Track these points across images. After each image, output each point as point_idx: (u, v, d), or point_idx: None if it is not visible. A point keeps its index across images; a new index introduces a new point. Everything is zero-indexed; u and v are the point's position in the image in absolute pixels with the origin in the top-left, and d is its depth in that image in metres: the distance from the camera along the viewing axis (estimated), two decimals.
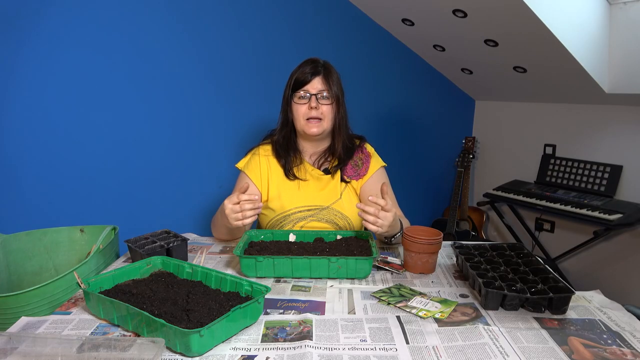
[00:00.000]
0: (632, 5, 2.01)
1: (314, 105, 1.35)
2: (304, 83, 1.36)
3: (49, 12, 1.70)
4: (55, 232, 1.49)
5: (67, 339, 0.80)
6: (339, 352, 0.82)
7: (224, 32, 2.12)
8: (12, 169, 1.73)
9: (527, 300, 0.98)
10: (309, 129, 1.38)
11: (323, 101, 1.36)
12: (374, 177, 1.47)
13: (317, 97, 1.36)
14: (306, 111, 1.36)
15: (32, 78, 1.71)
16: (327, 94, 1.36)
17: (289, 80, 1.39)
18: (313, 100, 1.35)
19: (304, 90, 1.36)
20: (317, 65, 1.37)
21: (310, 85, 1.36)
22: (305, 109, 1.36)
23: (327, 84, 1.36)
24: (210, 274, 1.03)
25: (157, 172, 2.05)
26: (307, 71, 1.36)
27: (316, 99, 1.35)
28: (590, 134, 2.51)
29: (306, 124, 1.38)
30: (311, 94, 1.36)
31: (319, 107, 1.35)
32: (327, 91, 1.36)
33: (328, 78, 1.37)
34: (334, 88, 1.37)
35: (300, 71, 1.37)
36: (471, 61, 2.61)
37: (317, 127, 1.37)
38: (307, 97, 1.36)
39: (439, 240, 1.18)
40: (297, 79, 1.36)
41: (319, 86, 1.36)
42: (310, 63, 1.38)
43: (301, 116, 1.37)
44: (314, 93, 1.36)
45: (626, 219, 2.10)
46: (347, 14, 2.49)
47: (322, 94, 1.36)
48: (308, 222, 1.41)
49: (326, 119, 1.38)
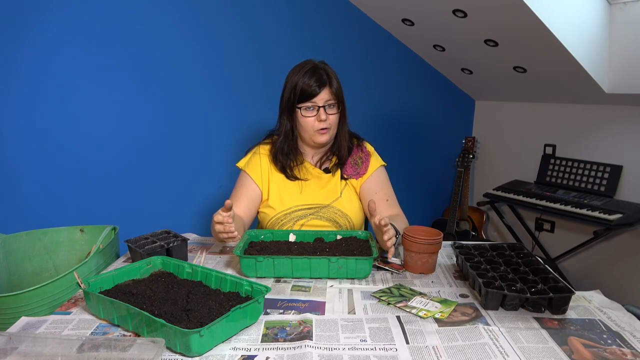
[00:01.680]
0: (632, 6, 2.01)
1: (323, 118, 1.35)
2: (312, 95, 1.34)
3: (49, 12, 1.70)
4: (55, 232, 1.49)
5: (67, 339, 0.80)
6: (339, 352, 0.82)
7: (224, 33, 2.12)
8: (12, 169, 1.73)
9: (527, 300, 0.98)
10: (319, 139, 1.38)
11: (330, 110, 1.37)
12: (374, 176, 1.47)
13: (325, 108, 1.35)
14: (315, 123, 1.36)
15: (32, 78, 1.71)
16: (334, 102, 1.37)
17: (291, 89, 1.36)
18: (322, 113, 1.35)
19: (311, 102, 1.34)
20: (321, 75, 1.35)
21: (318, 98, 1.34)
22: (313, 120, 1.36)
23: (332, 93, 1.36)
24: (210, 274, 1.03)
25: (157, 172, 2.06)
26: (312, 83, 1.33)
27: (325, 111, 1.35)
28: (590, 134, 2.51)
29: (315, 134, 1.38)
30: (319, 106, 1.35)
31: (327, 118, 1.36)
32: (333, 100, 1.36)
33: (332, 86, 1.36)
34: (338, 94, 1.38)
35: (304, 83, 1.34)
36: (471, 61, 2.61)
37: (327, 136, 1.38)
38: (315, 108, 1.35)
39: (439, 240, 1.18)
40: (304, 91, 1.33)
41: (325, 97, 1.35)
42: (314, 73, 1.35)
43: (310, 127, 1.37)
44: (322, 105, 1.35)
45: (626, 219, 2.10)
46: (347, 14, 2.49)
47: (329, 104, 1.36)
48: (309, 220, 1.41)
49: (333, 126, 1.39)
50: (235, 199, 1.43)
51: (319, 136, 1.38)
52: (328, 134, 1.38)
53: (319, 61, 1.40)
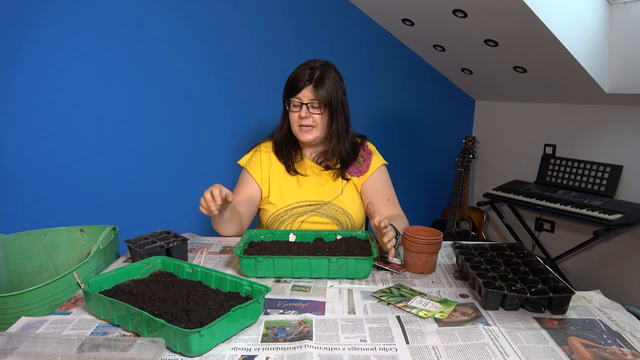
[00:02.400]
0: (632, 6, 2.01)
1: (303, 114, 1.36)
2: (297, 91, 1.35)
3: (49, 12, 1.70)
4: (55, 232, 1.49)
5: (67, 339, 0.80)
6: (339, 352, 0.82)
7: (224, 33, 2.12)
8: (12, 169, 1.73)
9: (527, 300, 0.98)
10: (302, 136, 1.40)
11: (314, 110, 1.37)
12: (375, 175, 1.47)
13: (308, 106, 1.36)
14: (298, 118, 1.38)
15: (31, 78, 1.71)
16: (317, 103, 1.36)
17: (286, 82, 1.39)
18: (303, 110, 1.36)
19: (297, 98, 1.36)
20: (312, 72, 1.35)
21: (301, 94, 1.35)
22: (297, 116, 1.38)
23: (317, 92, 1.34)
24: (210, 274, 1.03)
25: (157, 172, 2.06)
26: (299, 79, 1.35)
27: (307, 109, 1.36)
28: (590, 134, 2.51)
29: (299, 131, 1.40)
30: (302, 103, 1.36)
31: (309, 116, 1.36)
32: (316, 101, 1.35)
33: (319, 87, 1.34)
34: (325, 97, 1.35)
35: (294, 77, 1.36)
36: (471, 61, 2.61)
37: (310, 135, 1.39)
38: (299, 105, 1.37)
39: (439, 240, 1.18)
40: (291, 84, 1.36)
41: (309, 95, 1.35)
42: (307, 69, 1.36)
43: (295, 123, 1.39)
44: (305, 102, 1.36)
45: (626, 219, 2.10)
46: (347, 14, 2.49)
47: (312, 104, 1.36)
48: (309, 217, 1.41)
49: (319, 127, 1.39)
50: (235, 196, 1.44)
51: (301, 133, 1.39)
52: (311, 133, 1.39)
53: (323, 61, 1.41)
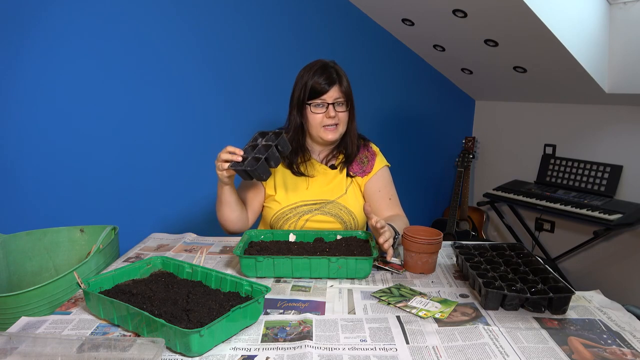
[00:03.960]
0: (632, 5, 2.01)
1: (332, 114, 1.38)
2: (321, 93, 1.37)
3: (49, 11, 1.70)
4: (55, 232, 1.49)
5: (67, 339, 0.80)
6: (339, 352, 0.82)
7: (224, 33, 2.12)
8: (12, 169, 1.73)
9: (527, 300, 0.98)
10: (326, 136, 1.41)
11: (339, 108, 1.40)
12: (378, 175, 1.49)
13: (334, 105, 1.38)
14: (323, 119, 1.39)
15: (31, 78, 1.71)
16: (343, 100, 1.40)
17: (302, 87, 1.39)
18: (331, 110, 1.38)
19: (321, 99, 1.38)
20: (331, 73, 1.39)
21: (327, 95, 1.37)
22: (321, 117, 1.39)
23: (342, 91, 1.39)
24: (210, 274, 1.03)
25: (157, 172, 2.06)
26: (322, 81, 1.37)
27: (334, 108, 1.38)
28: (590, 134, 2.51)
29: (323, 131, 1.41)
30: (328, 103, 1.38)
31: (336, 115, 1.39)
32: (342, 98, 1.39)
33: (341, 84, 1.39)
34: (348, 93, 1.41)
35: (315, 81, 1.37)
36: (471, 61, 2.61)
37: (334, 133, 1.41)
38: (324, 105, 1.38)
39: (439, 240, 1.18)
40: (314, 88, 1.37)
41: (335, 94, 1.38)
42: (324, 71, 1.38)
43: (318, 124, 1.40)
44: (331, 102, 1.38)
45: (626, 219, 2.10)
46: (347, 14, 2.49)
47: (338, 102, 1.39)
48: (313, 215, 1.42)
49: (342, 124, 1.42)
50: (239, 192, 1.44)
51: (326, 133, 1.41)
52: (337, 131, 1.41)
53: (329, 60, 1.43)
